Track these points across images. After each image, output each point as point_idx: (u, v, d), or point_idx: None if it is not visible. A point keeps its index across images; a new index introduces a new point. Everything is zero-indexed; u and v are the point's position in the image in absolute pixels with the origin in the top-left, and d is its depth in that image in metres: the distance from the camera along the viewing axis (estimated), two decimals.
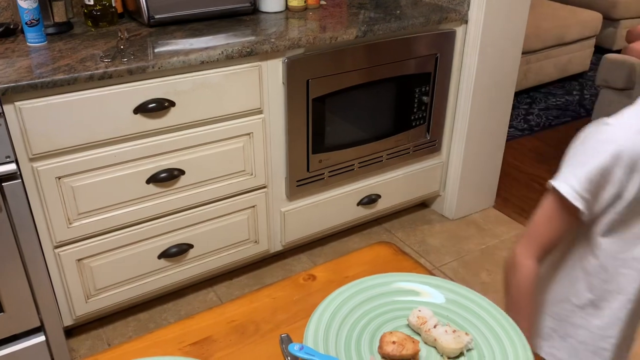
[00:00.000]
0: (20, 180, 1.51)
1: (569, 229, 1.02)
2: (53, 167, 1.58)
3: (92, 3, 1.84)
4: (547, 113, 3.65)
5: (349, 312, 0.91)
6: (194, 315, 0.96)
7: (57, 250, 1.69)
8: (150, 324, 1.97)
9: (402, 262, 1.08)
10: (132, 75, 1.59)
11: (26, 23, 1.66)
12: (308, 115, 1.97)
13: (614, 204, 0.97)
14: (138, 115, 1.65)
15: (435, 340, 0.85)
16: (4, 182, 1.48)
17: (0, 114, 1.44)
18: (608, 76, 3.02)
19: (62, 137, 1.56)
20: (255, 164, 1.94)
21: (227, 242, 2.01)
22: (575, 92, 3.98)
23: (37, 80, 1.46)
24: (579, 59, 4.04)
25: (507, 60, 2.31)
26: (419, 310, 0.89)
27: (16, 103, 1.47)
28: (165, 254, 1.88)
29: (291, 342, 0.86)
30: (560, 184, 0.97)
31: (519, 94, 3.86)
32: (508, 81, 2.37)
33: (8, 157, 1.48)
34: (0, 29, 1.74)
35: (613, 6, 4.38)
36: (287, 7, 2.12)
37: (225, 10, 2.00)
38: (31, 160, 1.55)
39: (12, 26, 1.77)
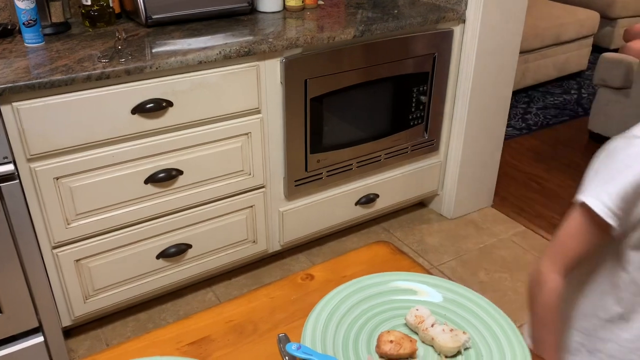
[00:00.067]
0: (18, 180, 1.51)
1: (597, 244, 0.99)
2: (51, 167, 1.58)
3: (89, 3, 1.84)
4: (545, 112, 3.66)
5: (346, 312, 0.91)
6: (192, 315, 0.96)
7: (55, 251, 1.69)
8: (149, 324, 1.97)
9: (400, 261, 1.08)
10: (130, 75, 1.59)
11: (23, 23, 1.66)
12: (306, 115, 1.97)
13: None
14: (136, 116, 1.65)
15: (432, 339, 0.85)
16: (1, 183, 1.48)
17: None
18: (606, 75, 3.03)
19: (60, 138, 1.56)
20: (254, 164, 1.94)
21: (226, 242, 2.01)
22: (573, 91, 3.99)
23: (34, 81, 1.46)
24: (577, 58, 4.05)
25: (505, 60, 2.31)
26: (417, 309, 0.89)
27: (14, 103, 1.47)
28: (163, 254, 1.88)
29: (289, 342, 0.86)
30: (590, 199, 0.93)
31: (516, 93, 3.86)
32: (506, 80, 2.37)
33: (6, 157, 1.48)
34: None
35: (610, 5, 4.39)
36: (284, 7, 2.12)
37: (223, 10, 2.00)
38: (29, 160, 1.55)
39: (9, 26, 1.77)
